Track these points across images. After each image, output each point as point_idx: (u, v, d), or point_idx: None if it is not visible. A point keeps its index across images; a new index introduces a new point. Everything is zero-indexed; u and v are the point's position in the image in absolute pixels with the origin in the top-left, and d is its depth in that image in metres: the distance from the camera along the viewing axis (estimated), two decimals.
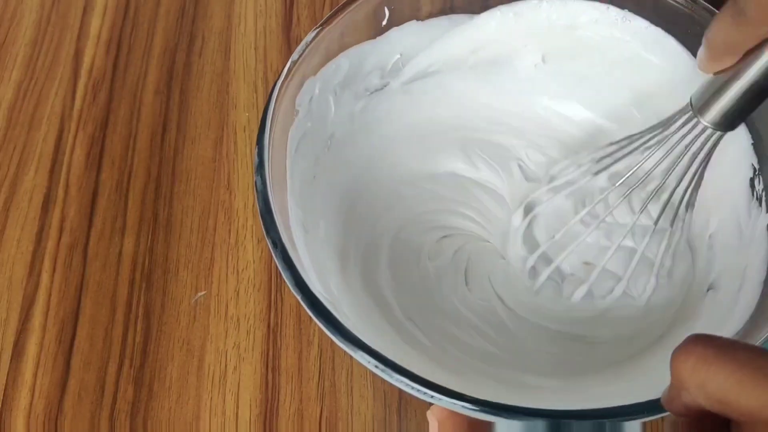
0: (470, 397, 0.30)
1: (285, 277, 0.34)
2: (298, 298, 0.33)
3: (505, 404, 0.30)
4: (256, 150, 0.37)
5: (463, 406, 0.30)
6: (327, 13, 0.43)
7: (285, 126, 0.40)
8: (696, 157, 0.38)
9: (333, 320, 0.32)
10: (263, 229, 0.35)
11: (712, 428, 0.23)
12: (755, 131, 0.42)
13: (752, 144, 0.42)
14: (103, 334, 0.45)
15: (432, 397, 0.31)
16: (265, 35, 0.57)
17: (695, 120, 0.36)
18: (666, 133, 0.38)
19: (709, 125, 0.35)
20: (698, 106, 0.36)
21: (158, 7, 0.58)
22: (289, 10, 0.58)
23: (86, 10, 0.58)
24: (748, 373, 0.21)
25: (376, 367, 0.31)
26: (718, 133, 0.36)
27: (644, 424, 0.31)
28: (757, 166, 0.41)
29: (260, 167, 0.36)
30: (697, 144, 0.37)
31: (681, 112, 0.37)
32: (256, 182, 0.36)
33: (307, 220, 0.41)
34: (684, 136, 0.37)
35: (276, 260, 0.34)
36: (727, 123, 0.35)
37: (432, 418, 0.33)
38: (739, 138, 0.42)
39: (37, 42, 0.57)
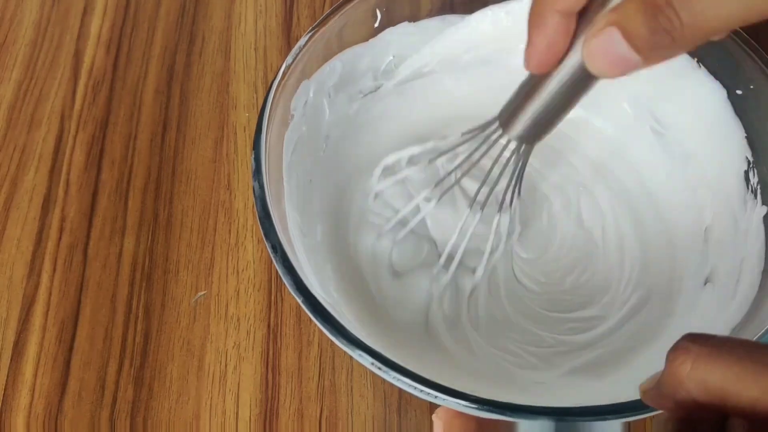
0: (473, 396, 0.30)
1: (285, 281, 0.34)
2: (300, 301, 0.33)
3: (508, 402, 0.30)
4: (253, 155, 0.37)
5: (466, 406, 0.30)
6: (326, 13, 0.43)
7: (281, 130, 0.40)
8: (509, 163, 0.38)
9: (334, 322, 0.32)
10: (262, 234, 0.35)
11: (705, 429, 0.23)
12: (749, 124, 0.42)
13: (746, 137, 0.42)
14: (103, 334, 0.45)
15: (436, 397, 0.31)
16: (265, 35, 0.57)
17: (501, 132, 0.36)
18: (480, 142, 0.39)
19: (513, 139, 0.35)
20: (503, 120, 0.35)
21: (158, 7, 0.58)
22: (289, 10, 0.58)
23: (86, 11, 0.58)
24: (747, 365, 0.21)
25: (380, 369, 0.31)
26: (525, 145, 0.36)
27: (626, 424, 0.31)
28: (751, 159, 0.42)
29: (257, 172, 0.36)
30: (507, 153, 0.37)
31: (492, 122, 0.37)
32: (254, 187, 0.36)
33: (304, 223, 0.41)
34: (496, 144, 0.37)
35: (276, 265, 0.34)
36: (530, 138, 0.35)
37: (437, 420, 0.33)
38: (733, 131, 0.42)
39: (37, 42, 0.57)
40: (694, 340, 0.23)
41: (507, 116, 0.35)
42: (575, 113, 0.49)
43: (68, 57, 0.56)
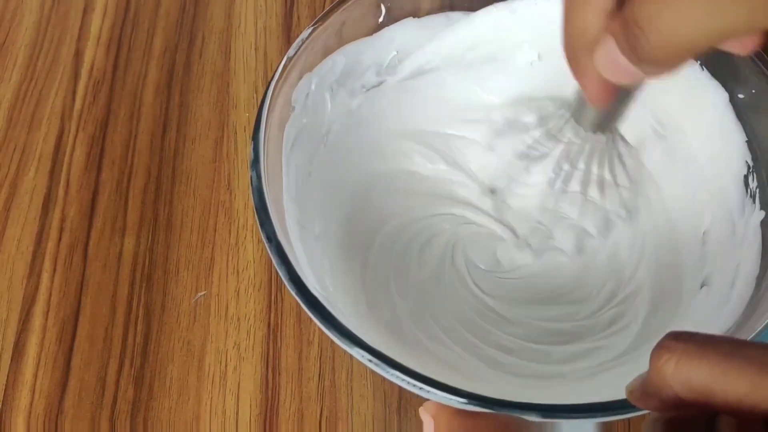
0: (465, 391, 0.30)
1: (280, 272, 0.34)
2: (293, 293, 0.33)
3: (496, 398, 0.30)
4: (252, 145, 0.37)
5: (458, 401, 0.30)
6: None
7: (281, 122, 0.40)
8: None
9: (327, 315, 0.32)
10: (258, 224, 0.35)
11: (693, 429, 0.23)
12: (749, 128, 0.42)
13: (746, 141, 0.42)
14: (103, 334, 0.45)
15: (428, 392, 0.31)
16: (265, 35, 0.57)
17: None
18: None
19: (586, 129, 0.37)
20: (574, 111, 0.37)
21: (158, 7, 0.58)
22: (290, 10, 0.58)
23: (86, 11, 0.58)
24: (732, 362, 0.21)
25: (370, 361, 0.31)
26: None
27: (600, 424, 0.31)
28: (751, 164, 0.42)
29: (255, 162, 0.36)
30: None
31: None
32: (251, 177, 0.36)
33: (302, 216, 0.41)
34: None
35: (271, 255, 0.34)
36: (601, 128, 0.37)
37: (425, 415, 0.33)
38: (734, 135, 0.42)
39: (37, 42, 0.57)
40: (677, 338, 0.22)
41: (578, 105, 0.36)
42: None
43: (68, 57, 0.56)
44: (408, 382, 0.31)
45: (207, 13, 0.58)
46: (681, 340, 0.22)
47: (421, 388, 0.31)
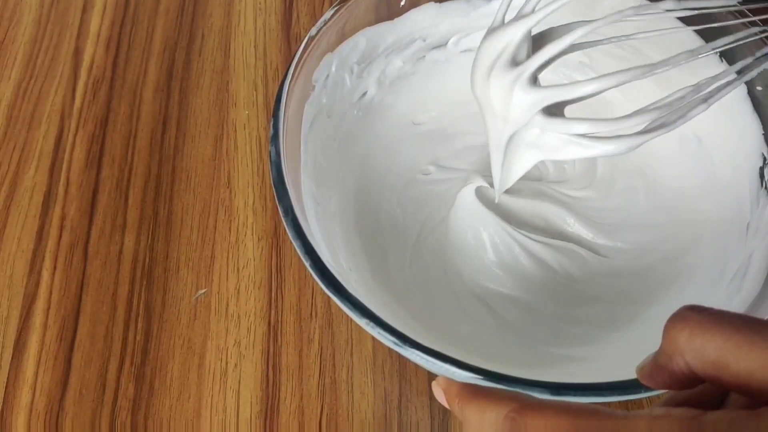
0: (473, 366, 0.31)
1: (296, 245, 0.34)
2: (307, 265, 0.33)
3: (504, 374, 0.30)
4: (272, 121, 0.37)
5: (469, 377, 0.30)
6: (326, 10, 0.43)
7: (301, 101, 0.41)
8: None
9: (340, 287, 0.33)
10: (276, 199, 0.35)
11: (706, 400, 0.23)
12: (767, 121, 0.42)
13: (763, 134, 0.42)
14: (103, 331, 0.45)
15: (440, 367, 0.31)
16: (264, 33, 0.57)
17: None
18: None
19: None
20: None
21: (158, 5, 0.58)
22: (289, 7, 0.58)
23: (86, 8, 0.58)
24: (746, 336, 0.21)
25: (380, 333, 0.32)
26: None
27: None
28: (767, 156, 0.42)
29: (275, 138, 0.37)
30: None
31: None
32: (270, 152, 0.37)
33: (318, 194, 0.41)
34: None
35: (287, 229, 0.34)
36: None
37: (437, 388, 0.33)
38: (751, 128, 0.42)
39: (36, 40, 0.57)
40: (693, 310, 0.23)
41: None
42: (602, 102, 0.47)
43: (68, 55, 0.56)
44: (420, 357, 0.31)
45: (206, 10, 0.58)
46: (696, 312, 0.22)
47: (434, 363, 0.31)
